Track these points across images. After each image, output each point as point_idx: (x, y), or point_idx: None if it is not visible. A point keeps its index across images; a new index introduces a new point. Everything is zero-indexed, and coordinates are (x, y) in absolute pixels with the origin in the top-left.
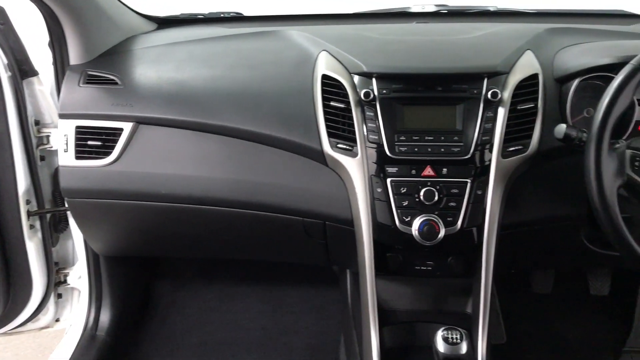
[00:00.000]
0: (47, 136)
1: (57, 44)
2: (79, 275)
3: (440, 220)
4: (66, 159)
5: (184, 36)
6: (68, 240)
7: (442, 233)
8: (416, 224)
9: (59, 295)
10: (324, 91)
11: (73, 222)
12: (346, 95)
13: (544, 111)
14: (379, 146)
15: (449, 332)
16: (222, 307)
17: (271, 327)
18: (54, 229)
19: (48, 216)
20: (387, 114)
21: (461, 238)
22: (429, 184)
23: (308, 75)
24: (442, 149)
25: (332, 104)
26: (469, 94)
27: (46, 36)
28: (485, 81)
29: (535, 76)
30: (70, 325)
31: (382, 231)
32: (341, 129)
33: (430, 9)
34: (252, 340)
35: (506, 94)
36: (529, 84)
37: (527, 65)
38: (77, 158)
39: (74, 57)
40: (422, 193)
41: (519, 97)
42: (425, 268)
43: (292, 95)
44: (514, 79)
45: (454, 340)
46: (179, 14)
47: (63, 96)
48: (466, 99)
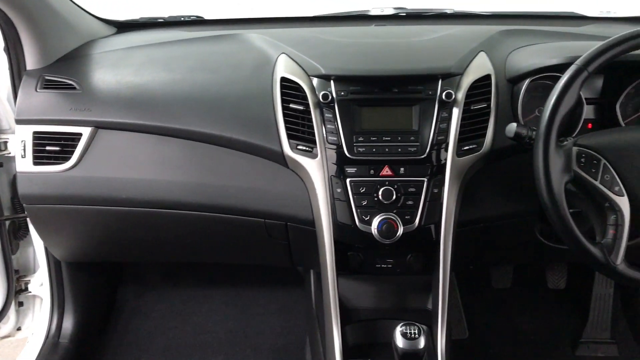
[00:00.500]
0: (5, 142)
1: (13, 49)
2: (40, 283)
3: (398, 219)
4: (24, 165)
5: (143, 40)
6: (28, 247)
7: (401, 231)
8: (375, 222)
9: (20, 304)
10: (283, 93)
11: (33, 228)
12: (305, 97)
13: (496, 111)
14: (338, 147)
15: (407, 328)
16: (187, 310)
17: (237, 329)
18: (14, 236)
19: (7, 223)
20: (345, 115)
21: (419, 235)
22: (387, 183)
23: (267, 78)
24: (399, 149)
25: (292, 106)
26: (424, 95)
27: (1, 41)
28: (440, 82)
29: (488, 77)
30: (32, 334)
31: (343, 231)
32: (301, 131)
33: (389, 11)
34: (218, 342)
35: (460, 95)
36: (482, 85)
37: (480, 67)
38: (35, 164)
39: (31, 62)
40: (380, 192)
41: (473, 97)
42: (385, 266)
43: (251, 98)
44: (467, 80)
45: (412, 335)
46: (138, 17)
47: (20, 101)
48: (422, 99)
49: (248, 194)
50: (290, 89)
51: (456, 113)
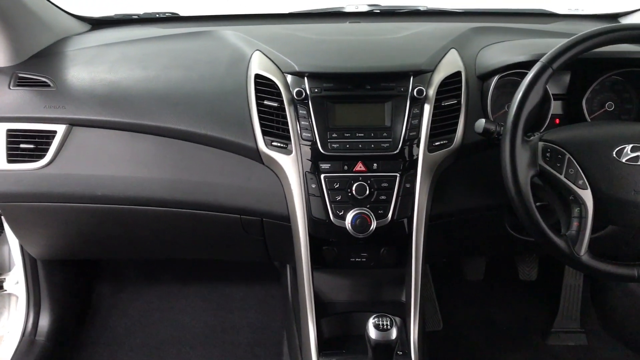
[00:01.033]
0: None
1: None
2: (16, 281)
3: (371, 213)
4: None
5: (117, 37)
6: (3, 245)
7: (374, 225)
8: (349, 217)
9: None
10: (257, 90)
11: (8, 226)
12: (279, 94)
13: (466, 107)
14: (312, 143)
15: (380, 319)
16: (164, 306)
17: (214, 324)
18: None
19: None
20: (319, 112)
21: (392, 229)
22: (360, 178)
23: (242, 74)
24: (372, 145)
25: (266, 102)
26: (396, 91)
27: None
28: (411, 79)
29: (458, 74)
30: (8, 332)
31: (317, 225)
32: (275, 127)
33: (364, 8)
34: (195, 338)
35: (431, 91)
36: (452, 82)
37: (451, 64)
38: (9, 162)
39: (3, 59)
40: (354, 188)
41: (443, 94)
42: (359, 260)
43: (226, 95)
44: (438, 77)
45: (385, 326)
46: (113, 14)
47: None
48: (394, 96)
49: (223, 190)
50: (264, 85)
51: (427, 109)
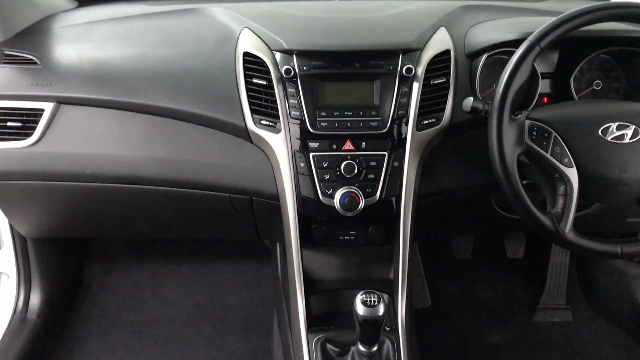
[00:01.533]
0: None
1: None
2: (6, 260)
3: (360, 192)
4: None
5: (105, 14)
6: None
7: (362, 204)
8: (338, 196)
9: None
10: (245, 68)
11: None
12: (268, 72)
13: (455, 86)
14: (301, 122)
15: (367, 296)
16: (155, 285)
17: (205, 302)
18: None
19: None
20: (308, 90)
21: (380, 208)
22: (349, 157)
23: (230, 52)
24: (361, 124)
25: (254, 80)
26: (385, 69)
27: None
28: (400, 57)
29: (447, 52)
30: None
31: (306, 204)
32: (264, 106)
33: None
34: (186, 316)
35: (420, 70)
36: (441, 60)
37: (440, 42)
38: None
39: None
40: (342, 166)
41: (432, 72)
42: (348, 238)
43: (214, 73)
44: (427, 55)
45: (372, 303)
46: None
47: None
48: (383, 74)
49: (212, 169)
50: (253, 63)
51: (416, 88)
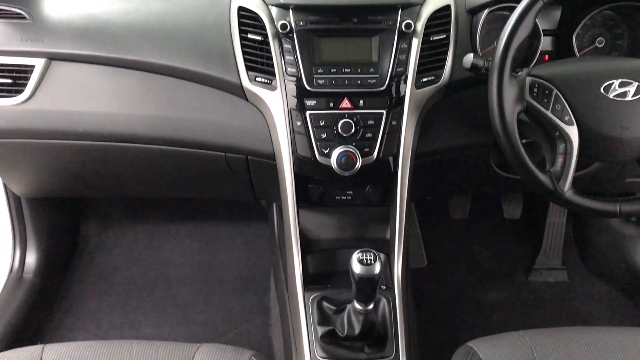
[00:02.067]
0: None
1: None
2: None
3: (357, 151)
4: None
5: None
6: None
7: (359, 163)
8: (334, 155)
9: None
10: (240, 23)
11: None
12: (263, 27)
13: (455, 42)
14: (297, 79)
15: (363, 254)
16: (152, 245)
17: (202, 262)
18: None
19: None
20: (304, 46)
21: (378, 167)
22: (346, 116)
23: (225, 7)
24: (359, 81)
25: (250, 36)
26: (384, 25)
27: None
28: (400, 12)
29: (447, 7)
30: None
31: (303, 164)
32: (259, 62)
33: None
34: (184, 275)
35: (419, 25)
36: (441, 15)
37: None
38: None
39: None
40: (339, 125)
41: (432, 28)
42: (345, 198)
43: (208, 28)
44: (427, 10)
45: (368, 261)
46: None
47: None
48: (381, 30)
49: (207, 127)
50: (248, 18)
51: (415, 44)
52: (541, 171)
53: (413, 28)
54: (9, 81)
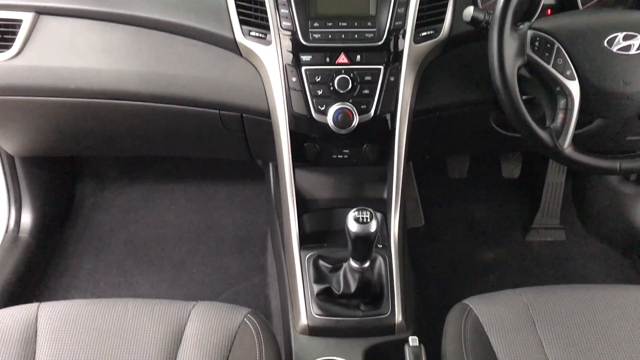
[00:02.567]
0: None
1: None
2: None
3: (354, 108)
4: None
5: None
6: None
7: (356, 121)
8: (331, 112)
9: None
10: None
11: None
12: None
13: None
14: (292, 33)
15: (360, 212)
16: (148, 205)
17: (199, 222)
18: None
19: None
20: None
21: (375, 125)
22: (343, 71)
23: None
24: (356, 35)
25: None
26: None
27: None
28: None
29: None
30: None
31: (298, 121)
32: (253, 16)
33: None
34: (180, 235)
35: None
36: None
37: None
38: None
39: None
40: (336, 81)
41: None
42: (342, 157)
43: None
44: None
45: (364, 219)
46: None
47: None
48: None
49: (201, 83)
50: None
51: None
52: (541, 127)
53: None
54: None
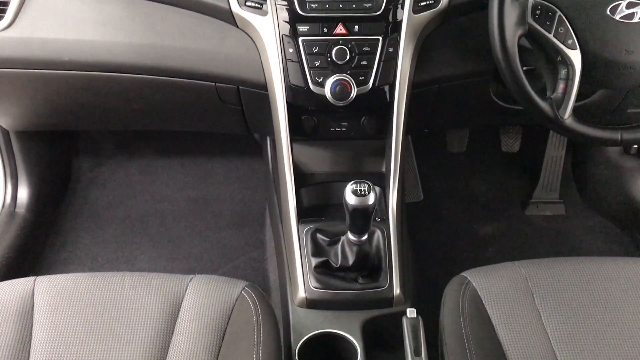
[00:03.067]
0: None
1: None
2: None
3: (352, 80)
4: None
5: None
6: None
7: (354, 93)
8: (328, 84)
9: None
10: None
11: None
12: None
13: None
14: (289, 3)
15: (358, 185)
16: (145, 180)
17: (197, 197)
18: None
19: None
20: None
21: (373, 97)
22: (340, 42)
23: None
24: (354, 5)
25: None
26: None
27: None
28: None
29: None
30: None
31: (296, 93)
32: None
33: None
34: (178, 210)
35: None
36: None
37: None
38: None
39: None
40: (333, 52)
41: None
42: (340, 130)
43: None
44: None
45: (362, 192)
46: None
47: None
48: None
49: (196, 55)
50: None
51: None
52: (541, 98)
53: None
54: None
